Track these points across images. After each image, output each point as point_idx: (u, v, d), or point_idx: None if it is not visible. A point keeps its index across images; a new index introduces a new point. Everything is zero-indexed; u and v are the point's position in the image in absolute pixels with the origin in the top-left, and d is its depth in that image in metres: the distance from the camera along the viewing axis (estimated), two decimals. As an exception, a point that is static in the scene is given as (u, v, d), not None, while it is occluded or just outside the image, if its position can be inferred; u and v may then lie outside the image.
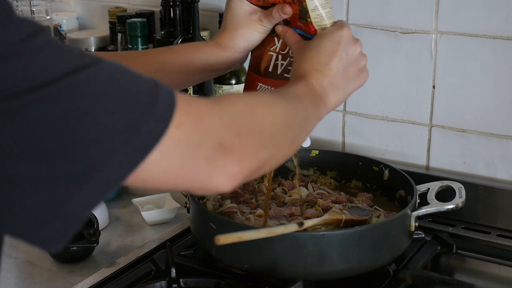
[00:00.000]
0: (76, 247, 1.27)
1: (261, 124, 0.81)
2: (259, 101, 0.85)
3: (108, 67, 0.64)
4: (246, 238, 1.03)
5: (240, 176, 0.75)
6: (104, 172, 0.62)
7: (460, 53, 1.39)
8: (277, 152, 0.84)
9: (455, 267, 1.29)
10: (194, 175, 0.71)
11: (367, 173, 1.37)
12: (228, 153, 0.73)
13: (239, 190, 1.34)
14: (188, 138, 0.69)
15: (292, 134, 0.88)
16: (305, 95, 0.95)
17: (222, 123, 0.74)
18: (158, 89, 0.67)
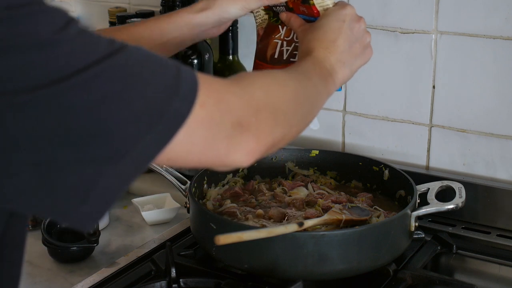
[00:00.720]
0: (76, 247, 1.27)
1: (275, 103, 0.83)
2: (275, 80, 0.87)
3: (135, 52, 0.68)
4: (246, 238, 1.03)
5: (257, 152, 0.78)
6: (136, 152, 0.65)
7: (460, 53, 1.39)
8: (290, 128, 0.86)
9: (455, 267, 1.29)
10: (215, 152, 0.75)
11: (367, 173, 1.37)
12: (246, 130, 0.77)
13: (239, 190, 1.34)
14: (210, 118, 0.72)
15: (303, 111, 0.91)
16: (314, 72, 0.97)
17: (241, 102, 0.77)
18: (181, 71, 0.70)
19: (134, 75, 0.66)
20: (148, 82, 0.67)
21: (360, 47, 1.05)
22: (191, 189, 1.23)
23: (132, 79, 0.66)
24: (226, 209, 1.26)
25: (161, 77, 0.68)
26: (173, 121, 0.68)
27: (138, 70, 0.67)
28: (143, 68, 0.67)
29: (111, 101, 0.63)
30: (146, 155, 0.67)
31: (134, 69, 0.66)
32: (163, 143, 0.67)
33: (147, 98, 0.66)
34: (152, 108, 0.66)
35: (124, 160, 0.65)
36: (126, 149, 0.65)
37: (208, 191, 1.33)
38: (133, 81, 0.66)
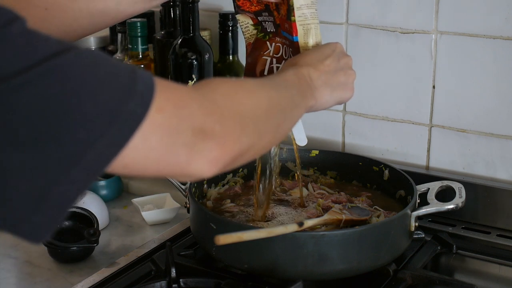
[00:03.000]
0: (76, 247, 1.27)
1: (242, 109, 0.80)
2: (241, 87, 0.84)
3: (87, 52, 0.64)
4: (246, 238, 1.03)
5: (221, 161, 0.75)
6: (89, 157, 0.62)
7: (460, 53, 1.39)
8: (259, 138, 0.83)
9: (455, 267, 1.29)
10: (174, 160, 0.71)
11: (367, 173, 1.37)
12: (209, 138, 0.73)
13: (239, 189, 1.34)
14: (169, 123, 0.69)
15: (275, 121, 0.87)
16: (293, 83, 0.95)
17: (203, 108, 0.74)
18: (137, 73, 0.67)
19: (84, 75, 0.62)
20: (100, 82, 0.63)
21: (343, 77, 1.04)
22: (191, 189, 1.23)
23: (82, 79, 0.62)
24: (226, 209, 1.26)
25: (115, 78, 0.65)
26: (127, 124, 0.64)
27: (90, 70, 0.63)
28: (95, 68, 0.64)
29: (59, 102, 0.60)
30: (100, 160, 0.63)
31: (85, 69, 0.63)
32: (118, 147, 0.64)
33: (100, 100, 0.62)
34: (105, 110, 0.62)
35: (77, 166, 0.61)
36: (79, 154, 0.61)
37: (208, 191, 1.33)
38: (84, 82, 0.62)
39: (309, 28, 1.06)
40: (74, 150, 0.61)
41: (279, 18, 1.08)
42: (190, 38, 1.55)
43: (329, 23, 1.53)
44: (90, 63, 0.64)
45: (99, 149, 0.62)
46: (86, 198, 1.39)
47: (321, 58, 1.02)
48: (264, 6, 1.10)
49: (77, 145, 0.61)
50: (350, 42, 1.51)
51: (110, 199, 1.51)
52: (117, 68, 0.66)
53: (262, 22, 1.12)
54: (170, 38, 1.64)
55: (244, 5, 1.12)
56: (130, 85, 0.65)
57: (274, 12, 1.09)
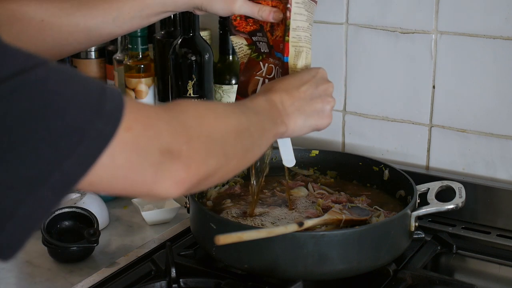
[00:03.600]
0: (76, 247, 1.27)
1: (211, 132, 0.80)
2: (211, 110, 0.84)
3: (57, 68, 0.64)
4: (246, 238, 1.03)
5: (187, 182, 0.75)
6: (56, 177, 0.61)
7: (460, 53, 1.39)
8: (226, 161, 0.83)
9: (455, 267, 1.29)
10: (141, 179, 0.71)
11: (367, 173, 1.37)
12: (175, 159, 0.73)
13: (239, 189, 1.34)
14: (137, 143, 0.69)
15: (244, 145, 0.87)
16: (263, 109, 0.96)
17: (171, 129, 0.74)
18: (106, 92, 0.66)
19: (52, 93, 0.61)
20: (68, 101, 0.62)
21: (320, 105, 1.03)
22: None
23: (50, 98, 0.61)
24: (225, 209, 1.26)
25: (83, 97, 0.64)
26: (95, 143, 0.64)
27: (58, 88, 0.62)
28: (63, 87, 0.63)
29: (25, 121, 0.59)
30: (67, 180, 0.63)
31: (54, 86, 0.62)
32: (86, 166, 0.64)
33: (67, 119, 0.61)
34: (73, 129, 0.62)
35: (44, 186, 0.61)
36: (46, 174, 0.61)
37: (208, 191, 1.33)
38: (52, 100, 0.61)
39: (300, 51, 1.07)
40: (41, 169, 0.60)
41: (273, 39, 1.10)
42: (190, 38, 1.55)
43: (329, 23, 1.53)
44: (59, 81, 0.63)
45: (66, 168, 0.62)
46: (86, 198, 1.39)
47: (298, 84, 1.02)
48: (259, 26, 1.11)
49: (44, 164, 0.60)
50: (350, 42, 1.51)
51: (110, 199, 1.51)
52: (87, 86, 0.65)
53: (256, 42, 1.13)
54: (170, 38, 1.64)
55: (240, 25, 1.13)
56: (99, 104, 0.65)
57: (268, 34, 1.11)
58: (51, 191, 0.62)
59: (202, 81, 1.58)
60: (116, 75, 1.78)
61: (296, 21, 1.06)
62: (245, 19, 1.13)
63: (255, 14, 1.10)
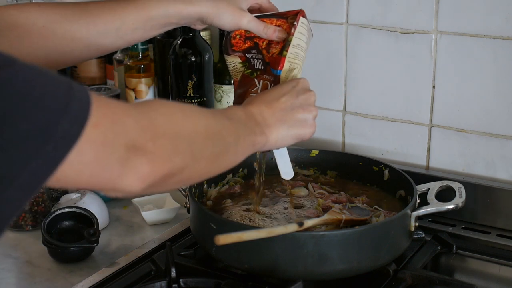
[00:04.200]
0: (76, 247, 1.27)
1: (178, 130, 0.81)
2: (181, 110, 0.85)
3: (23, 69, 0.64)
4: (246, 238, 1.03)
5: (151, 177, 0.75)
6: (24, 177, 0.62)
7: (460, 53, 1.39)
8: (193, 161, 0.83)
9: (455, 267, 1.29)
10: (107, 174, 0.72)
11: (367, 173, 1.37)
12: (140, 154, 0.74)
13: (239, 189, 1.34)
14: (104, 138, 0.69)
15: (214, 148, 0.87)
16: (239, 119, 0.96)
17: (138, 125, 0.75)
18: (73, 90, 0.67)
19: (19, 93, 0.62)
20: (34, 101, 0.62)
21: (302, 114, 1.03)
22: (191, 189, 1.23)
23: (16, 98, 0.61)
24: (225, 209, 1.26)
25: (49, 97, 0.64)
26: (62, 143, 0.64)
27: (24, 89, 0.62)
28: (30, 87, 0.63)
29: None
30: (35, 179, 0.63)
31: (20, 87, 0.62)
32: (53, 165, 0.64)
33: (33, 119, 0.62)
34: (39, 129, 0.62)
35: (12, 186, 0.61)
36: (14, 174, 0.61)
37: (208, 191, 1.33)
38: (18, 101, 0.61)
39: (294, 67, 1.09)
40: (8, 169, 0.61)
41: (269, 57, 1.11)
42: (190, 38, 1.55)
43: (329, 23, 1.53)
44: (25, 82, 0.63)
45: (34, 168, 0.62)
46: (86, 198, 1.39)
47: (277, 96, 1.02)
48: (254, 43, 1.12)
49: (11, 164, 0.61)
50: (350, 42, 1.51)
51: (110, 199, 1.51)
52: (53, 86, 0.65)
53: (250, 59, 1.14)
54: (170, 38, 1.64)
55: (237, 45, 1.13)
56: (66, 103, 0.65)
57: (263, 51, 1.11)
58: (19, 190, 0.62)
59: (202, 81, 1.58)
60: (116, 75, 1.78)
61: (298, 39, 1.09)
62: (243, 39, 1.13)
63: (260, 31, 1.11)
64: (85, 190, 1.43)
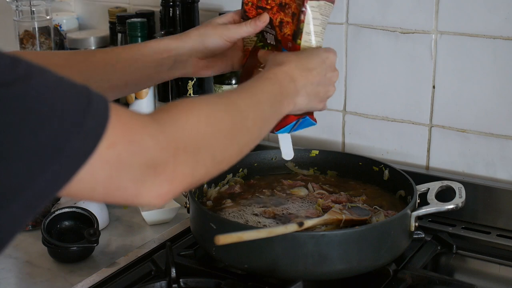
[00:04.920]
0: (76, 247, 1.27)
1: (200, 140, 0.79)
2: (204, 114, 0.81)
3: (39, 81, 0.62)
4: (246, 238, 1.03)
5: (171, 193, 0.74)
6: (29, 193, 0.61)
7: (460, 53, 1.39)
8: (216, 166, 0.82)
9: (455, 267, 1.29)
10: (122, 192, 0.71)
11: (367, 173, 1.37)
12: (160, 173, 0.72)
13: (239, 189, 1.34)
14: (119, 159, 0.68)
15: (238, 144, 0.87)
16: (270, 94, 0.95)
17: (157, 144, 0.72)
18: (90, 106, 0.65)
19: (31, 108, 0.60)
20: (46, 117, 0.61)
21: (323, 92, 1.04)
22: (191, 189, 1.23)
23: (27, 114, 0.60)
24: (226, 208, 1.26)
25: (63, 111, 0.63)
26: (72, 160, 0.63)
27: (37, 103, 0.61)
28: (43, 101, 0.62)
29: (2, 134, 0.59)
30: (40, 196, 0.62)
31: (33, 101, 0.61)
32: (60, 183, 0.63)
33: (41, 136, 0.61)
34: (48, 146, 0.61)
35: (17, 202, 0.61)
36: (19, 189, 0.60)
37: (208, 191, 1.33)
38: (28, 117, 0.60)
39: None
40: (13, 185, 0.60)
41: (281, 35, 1.09)
42: (190, 38, 1.55)
43: (329, 23, 1.52)
44: (38, 97, 0.61)
45: (39, 185, 0.61)
46: (86, 198, 1.39)
47: (309, 67, 1.02)
48: (269, 18, 1.11)
49: (16, 180, 0.60)
50: (350, 42, 1.51)
51: (110, 199, 1.51)
52: (69, 101, 0.64)
53: (263, 32, 1.13)
54: (170, 38, 1.64)
55: (250, 12, 1.13)
56: (80, 120, 0.64)
57: (276, 28, 1.10)
58: (23, 207, 0.61)
59: (202, 81, 1.58)
60: (116, 75, 1.77)
61: (309, 25, 1.06)
62: (255, 8, 1.12)
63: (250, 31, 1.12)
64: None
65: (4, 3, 1.70)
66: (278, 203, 1.28)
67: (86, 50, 1.11)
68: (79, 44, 1.84)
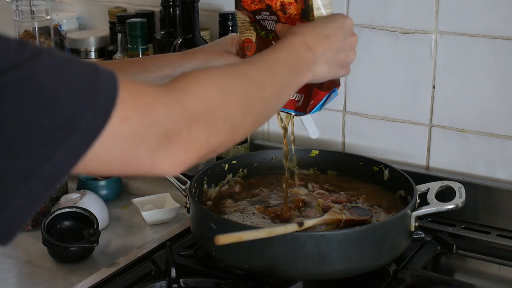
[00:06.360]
0: (76, 247, 1.27)
1: (214, 110, 0.79)
2: (217, 85, 0.81)
3: (47, 62, 0.63)
4: (246, 238, 1.03)
5: (187, 162, 0.75)
6: (47, 170, 0.62)
7: (460, 53, 1.39)
8: (233, 135, 0.83)
9: (455, 267, 1.29)
10: (138, 164, 0.71)
11: (367, 173, 1.37)
12: (174, 142, 0.73)
13: (239, 189, 1.34)
14: (133, 132, 0.69)
15: (254, 114, 0.86)
16: (287, 63, 0.94)
17: (171, 114, 0.73)
18: (99, 80, 0.66)
19: (41, 88, 0.62)
20: (58, 95, 0.63)
21: (344, 58, 1.03)
22: (191, 189, 1.23)
23: (40, 93, 0.62)
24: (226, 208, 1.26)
25: (74, 89, 0.64)
26: (85, 135, 0.64)
27: (47, 83, 0.62)
28: (53, 81, 0.63)
29: (16, 116, 0.60)
30: (58, 171, 0.63)
31: (43, 82, 0.62)
32: (76, 158, 0.64)
33: (57, 112, 0.62)
34: (63, 123, 0.62)
35: (35, 178, 0.62)
36: (36, 167, 0.62)
37: (208, 191, 1.33)
38: (40, 95, 0.62)
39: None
40: (32, 162, 0.61)
41: (286, 17, 1.08)
42: (190, 38, 1.55)
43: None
44: (48, 75, 0.63)
45: (57, 160, 0.63)
46: (86, 198, 1.39)
47: (326, 33, 1.00)
48: (265, 5, 1.09)
49: (35, 157, 0.61)
50: (350, 42, 1.51)
51: (110, 199, 1.51)
52: (78, 77, 0.65)
53: (260, 20, 1.12)
54: (170, 38, 1.64)
55: (245, 2, 1.12)
56: (90, 96, 0.65)
57: (279, 12, 1.09)
58: (42, 182, 0.63)
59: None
60: (116, 75, 1.77)
61: (317, 0, 1.05)
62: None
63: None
64: (85, 190, 1.43)
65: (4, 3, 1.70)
66: (278, 203, 1.28)
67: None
68: (79, 44, 1.84)
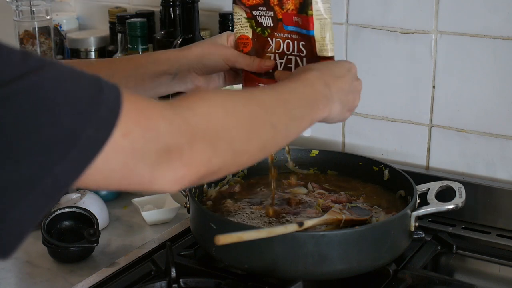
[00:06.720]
0: (76, 247, 1.27)
1: (218, 130, 0.78)
2: (222, 105, 0.81)
3: (51, 72, 0.63)
4: (246, 238, 1.03)
5: (187, 180, 0.74)
6: (47, 182, 0.62)
7: (460, 53, 1.39)
8: (235, 158, 0.81)
9: (455, 267, 1.29)
10: (137, 179, 0.71)
11: (367, 173, 1.37)
12: (175, 159, 0.72)
13: (239, 189, 1.34)
14: (133, 147, 0.68)
15: (261, 139, 0.85)
16: (301, 95, 0.94)
17: (173, 128, 0.72)
18: (102, 93, 0.66)
19: (44, 100, 0.62)
20: (61, 107, 0.62)
21: (351, 100, 1.03)
22: (191, 189, 1.23)
23: (42, 105, 0.61)
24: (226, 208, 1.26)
25: (76, 101, 0.64)
26: (87, 149, 0.64)
27: (50, 93, 0.62)
28: (56, 91, 0.63)
29: (17, 128, 0.60)
30: (58, 184, 0.63)
31: (46, 92, 0.62)
32: (77, 171, 0.64)
33: (58, 125, 0.62)
34: (64, 135, 0.62)
35: (35, 190, 0.61)
36: (37, 178, 0.61)
37: (208, 191, 1.33)
38: (44, 107, 0.61)
39: (325, 23, 1.06)
40: (32, 174, 0.61)
41: (283, 13, 1.08)
42: (190, 38, 1.55)
43: (329, 23, 1.52)
44: (52, 87, 0.63)
45: (57, 173, 0.62)
46: (86, 198, 1.39)
47: (338, 74, 1.01)
48: (263, 0, 1.10)
49: (35, 169, 0.61)
50: (350, 42, 1.51)
51: (110, 199, 1.51)
52: (81, 90, 0.65)
53: (256, 16, 1.12)
54: (170, 38, 1.64)
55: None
56: (93, 109, 0.64)
57: (276, 7, 1.09)
58: (42, 195, 0.62)
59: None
60: (116, 75, 1.77)
61: None
62: None
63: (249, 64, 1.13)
64: (85, 190, 1.43)
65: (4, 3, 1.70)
66: (278, 203, 1.28)
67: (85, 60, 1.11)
68: (79, 44, 1.84)
